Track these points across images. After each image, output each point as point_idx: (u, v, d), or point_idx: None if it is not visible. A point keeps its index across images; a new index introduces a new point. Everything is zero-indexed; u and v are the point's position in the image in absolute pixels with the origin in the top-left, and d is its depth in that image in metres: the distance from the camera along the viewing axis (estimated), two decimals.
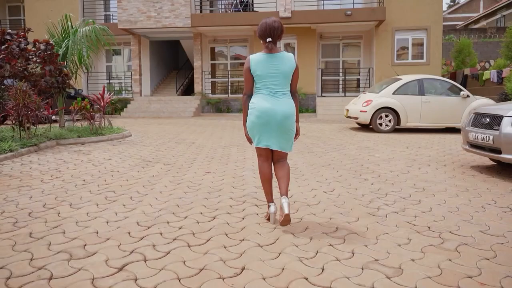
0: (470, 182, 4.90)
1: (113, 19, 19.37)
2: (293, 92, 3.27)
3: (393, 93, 10.43)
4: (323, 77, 18.12)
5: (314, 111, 17.06)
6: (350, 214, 3.59)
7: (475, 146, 5.44)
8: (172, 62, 23.10)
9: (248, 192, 4.35)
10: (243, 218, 3.45)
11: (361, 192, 4.36)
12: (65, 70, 8.33)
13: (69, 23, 8.60)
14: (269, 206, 3.31)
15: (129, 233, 3.08)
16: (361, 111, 10.56)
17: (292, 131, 3.22)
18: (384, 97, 10.47)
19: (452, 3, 48.09)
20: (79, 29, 8.37)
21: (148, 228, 3.19)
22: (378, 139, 9.17)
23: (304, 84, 17.16)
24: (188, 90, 20.96)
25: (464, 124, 5.75)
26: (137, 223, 3.31)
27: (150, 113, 16.87)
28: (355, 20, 15.75)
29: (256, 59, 3.14)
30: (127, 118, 16.51)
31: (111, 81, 19.72)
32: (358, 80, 18.55)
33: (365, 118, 10.51)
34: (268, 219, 3.36)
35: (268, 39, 3.08)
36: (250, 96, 3.26)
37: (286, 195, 3.13)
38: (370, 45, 17.85)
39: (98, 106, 9.48)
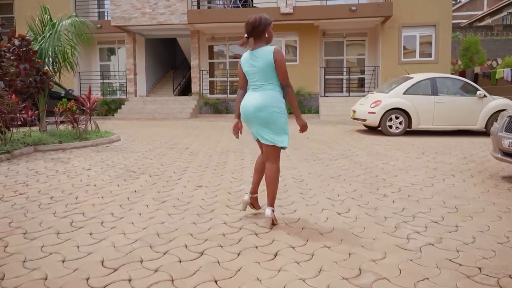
0: (509, 199, 4.14)
1: (107, 16, 18.60)
2: (284, 86, 3.19)
3: (404, 93, 9.67)
4: (326, 76, 17.36)
5: (317, 111, 16.29)
6: (373, 246, 2.83)
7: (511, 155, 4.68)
8: (169, 61, 22.35)
9: (246, 213, 3.59)
10: (238, 254, 2.70)
11: (382, 213, 3.60)
12: (46, 68, 7.57)
13: (47, 16, 7.81)
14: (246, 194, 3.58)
15: (87, 280, 2.32)
16: (369, 113, 9.80)
17: (274, 123, 3.16)
18: (394, 97, 9.70)
19: (454, 1, 47.40)
20: (59, 23, 7.59)
21: (115, 270, 2.44)
22: (389, 143, 8.41)
23: (306, 84, 16.41)
24: (185, 90, 20.20)
25: (496, 129, 4.98)
26: (102, 262, 2.55)
27: (145, 114, 16.11)
28: (360, 16, 14.99)
29: (244, 56, 3.27)
30: (120, 119, 15.76)
31: (105, 81, 18.96)
32: (363, 79, 17.79)
33: (374, 120, 9.74)
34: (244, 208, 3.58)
35: (245, 35, 3.19)
36: (245, 91, 3.32)
37: (271, 206, 3.18)
38: (375, 42, 17.08)
39: (84, 108, 8.74)
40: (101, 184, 4.67)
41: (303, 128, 3.38)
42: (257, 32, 3.16)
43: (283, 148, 3.28)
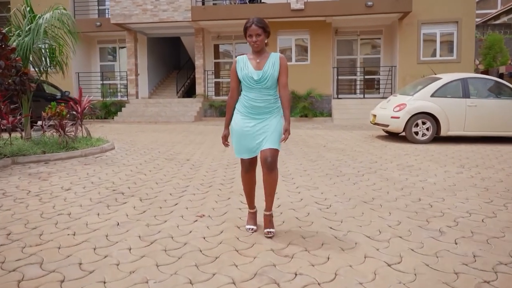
0: None
1: (107, 14, 17.69)
2: None
3: (432, 96, 8.63)
4: (339, 77, 16.33)
5: (329, 115, 15.27)
6: None
7: None
8: (172, 62, 21.42)
9: (262, 264, 2.62)
10: None
11: (450, 266, 2.60)
12: (27, 68, 6.65)
13: (27, 8, 6.87)
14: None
15: None
16: (392, 117, 8.78)
17: None
18: (420, 100, 8.68)
19: None
20: (40, 16, 6.65)
21: None
22: (418, 153, 7.39)
23: (318, 85, 15.40)
24: (190, 91, 19.23)
25: None
26: None
27: (146, 117, 15.19)
28: (377, 12, 13.95)
29: None
30: (120, 123, 14.85)
31: (105, 82, 18.06)
32: (378, 80, 16.75)
33: (398, 126, 8.72)
34: None
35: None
36: None
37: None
38: (391, 41, 16.03)
39: (74, 112, 7.82)
40: (78, 213, 3.72)
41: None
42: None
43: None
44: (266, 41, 3.08)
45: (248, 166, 3.19)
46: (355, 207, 3.97)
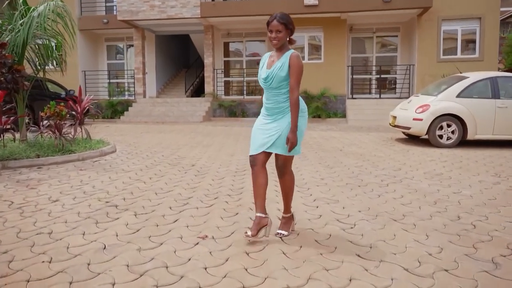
0: None
1: (115, 10, 17.25)
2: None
3: (457, 96, 7.97)
4: (354, 76, 15.67)
5: (343, 115, 14.62)
6: None
7: None
8: (182, 60, 20.93)
9: None
10: None
11: None
12: (22, 65, 6.16)
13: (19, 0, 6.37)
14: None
15: None
16: (414, 119, 8.13)
17: None
18: (445, 101, 8.02)
19: None
20: (33, 8, 6.14)
21: None
22: (445, 159, 6.75)
23: (332, 84, 14.76)
24: (199, 91, 18.71)
25: None
26: None
27: (153, 117, 14.70)
28: (395, 8, 13.24)
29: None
30: (126, 123, 14.39)
31: (112, 80, 17.63)
32: (394, 79, 16.05)
33: (421, 129, 8.07)
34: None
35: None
36: None
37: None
38: (409, 38, 15.31)
39: (74, 112, 7.34)
40: (60, 232, 3.19)
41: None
42: None
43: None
44: (289, 38, 2.93)
45: (252, 162, 2.99)
46: (384, 226, 3.38)
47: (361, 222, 3.50)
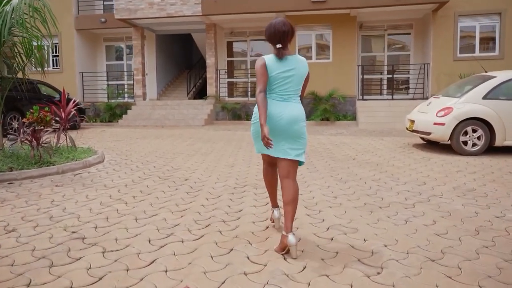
0: None
1: (114, 9, 16.60)
2: (301, 98, 3.05)
3: (484, 98, 7.15)
4: (364, 76, 14.83)
5: (353, 118, 13.81)
6: None
7: None
8: (184, 60, 20.21)
9: None
10: None
11: None
12: None
13: None
14: (272, 211, 3.35)
15: None
16: (435, 124, 7.32)
17: (303, 138, 2.91)
18: (469, 103, 7.20)
19: None
20: (7, 2, 5.45)
21: None
22: (473, 169, 5.93)
23: (341, 85, 13.94)
24: (202, 93, 17.97)
25: None
26: None
27: (153, 121, 13.99)
28: (408, 3, 12.41)
29: (271, 59, 2.85)
30: (124, 127, 13.68)
31: (111, 82, 16.95)
32: (407, 79, 15.20)
33: (443, 134, 7.26)
34: (273, 221, 3.38)
35: (278, 46, 2.81)
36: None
37: (292, 231, 2.75)
38: (423, 36, 14.45)
39: (58, 118, 6.64)
40: None
41: None
42: (290, 39, 2.87)
43: (301, 163, 2.97)
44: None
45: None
46: (420, 271, 2.60)
47: (389, 263, 2.72)
